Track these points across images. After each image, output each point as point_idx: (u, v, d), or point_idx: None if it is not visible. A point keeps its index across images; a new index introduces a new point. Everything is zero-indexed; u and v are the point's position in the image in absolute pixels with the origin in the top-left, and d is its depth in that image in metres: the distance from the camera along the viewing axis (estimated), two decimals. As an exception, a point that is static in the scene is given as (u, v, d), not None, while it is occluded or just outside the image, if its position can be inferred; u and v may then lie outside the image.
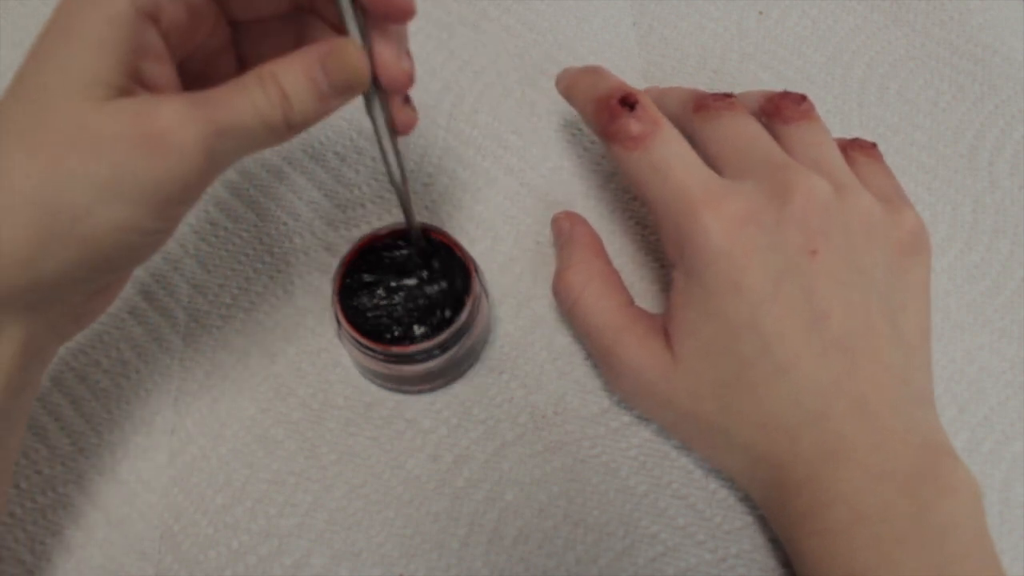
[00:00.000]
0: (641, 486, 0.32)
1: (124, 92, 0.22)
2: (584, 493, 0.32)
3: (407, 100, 0.28)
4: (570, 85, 0.34)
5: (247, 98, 0.23)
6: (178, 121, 0.22)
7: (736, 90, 0.36)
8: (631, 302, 0.33)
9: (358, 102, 0.26)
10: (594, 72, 0.32)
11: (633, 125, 0.30)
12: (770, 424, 0.28)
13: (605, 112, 0.31)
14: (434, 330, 0.30)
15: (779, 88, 0.40)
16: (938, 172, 0.39)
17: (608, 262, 0.34)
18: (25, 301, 0.24)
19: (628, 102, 0.30)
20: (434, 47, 0.42)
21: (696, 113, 0.32)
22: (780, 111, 0.32)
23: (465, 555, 0.31)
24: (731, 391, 0.28)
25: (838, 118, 0.40)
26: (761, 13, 0.43)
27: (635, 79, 0.41)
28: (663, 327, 0.30)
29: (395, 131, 0.27)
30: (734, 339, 0.28)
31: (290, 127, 0.24)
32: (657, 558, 0.31)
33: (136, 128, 0.22)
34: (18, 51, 0.41)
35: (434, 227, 0.32)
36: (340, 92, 0.24)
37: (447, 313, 0.31)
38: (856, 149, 0.33)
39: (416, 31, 0.41)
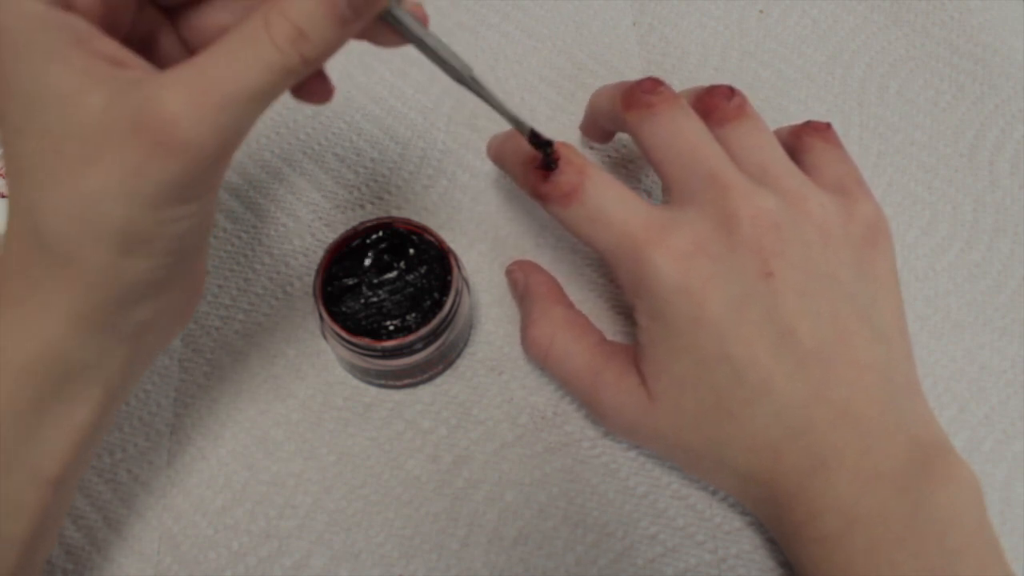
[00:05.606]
0: (641, 487, 0.32)
1: (101, 74, 0.21)
2: (584, 494, 0.32)
3: None
4: (498, 152, 0.34)
5: (254, 52, 0.21)
6: (185, 108, 0.20)
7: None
8: (601, 340, 0.32)
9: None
10: (518, 136, 0.30)
11: (561, 182, 0.29)
12: (755, 446, 0.28)
13: (532, 175, 0.30)
14: (419, 322, 0.30)
15: (781, 87, 0.41)
16: (938, 171, 0.39)
17: (570, 305, 0.34)
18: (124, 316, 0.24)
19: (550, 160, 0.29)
20: (433, 49, 0.42)
21: (627, 112, 0.31)
22: (712, 112, 0.31)
23: (465, 556, 0.31)
24: (712, 420, 0.28)
25: (838, 118, 0.40)
26: (762, 12, 0.43)
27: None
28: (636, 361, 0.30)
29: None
30: (706, 371, 0.28)
31: (307, 63, 0.22)
32: (657, 559, 0.31)
33: (141, 126, 0.20)
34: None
35: (413, 221, 0.32)
36: (362, 11, 0.22)
37: (431, 303, 0.31)
38: (810, 133, 0.32)
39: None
